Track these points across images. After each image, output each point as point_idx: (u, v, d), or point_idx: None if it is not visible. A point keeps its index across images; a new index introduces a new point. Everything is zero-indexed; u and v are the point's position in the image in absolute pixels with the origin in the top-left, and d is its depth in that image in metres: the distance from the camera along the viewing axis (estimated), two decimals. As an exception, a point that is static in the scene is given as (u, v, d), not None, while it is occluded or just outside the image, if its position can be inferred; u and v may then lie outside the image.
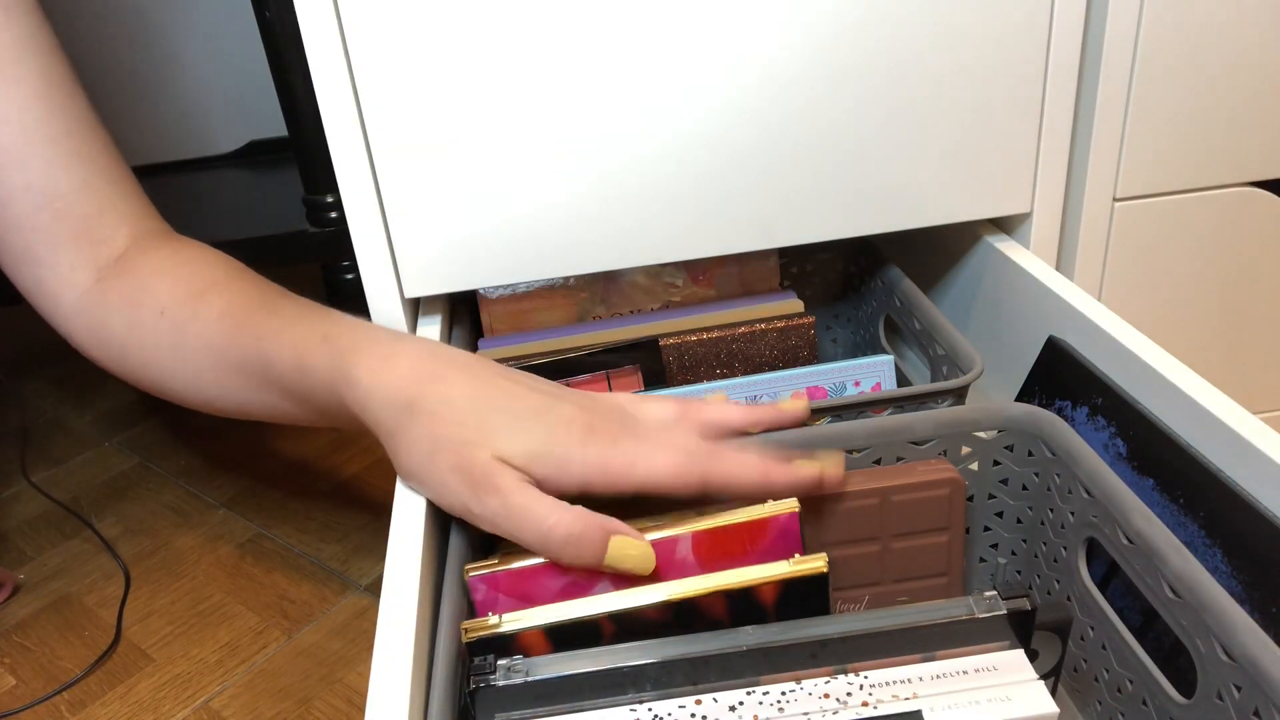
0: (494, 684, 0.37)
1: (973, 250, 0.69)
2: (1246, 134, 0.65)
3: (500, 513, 0.40)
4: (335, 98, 0.55)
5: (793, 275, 0.76)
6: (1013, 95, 0.61)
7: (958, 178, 0.63)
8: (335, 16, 0.53)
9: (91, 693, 0.71)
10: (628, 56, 0.56)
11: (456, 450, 0.41)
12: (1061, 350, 0.57)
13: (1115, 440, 0.52)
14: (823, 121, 0.60)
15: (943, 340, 0.60)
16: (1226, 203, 0.67)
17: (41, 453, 1.02)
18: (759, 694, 0.38)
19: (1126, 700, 0.45)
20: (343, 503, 0.91)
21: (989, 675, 0.38)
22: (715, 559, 0.42)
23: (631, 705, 0.38)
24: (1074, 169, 0.65)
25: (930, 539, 0.50)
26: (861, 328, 0.76)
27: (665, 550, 0.41)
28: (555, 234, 0.60)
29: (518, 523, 0.40)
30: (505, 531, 0.40)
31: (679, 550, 0.41)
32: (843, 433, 0.50)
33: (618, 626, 0.40)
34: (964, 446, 0.52)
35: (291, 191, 0.88)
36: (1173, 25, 0.60)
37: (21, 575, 0.83)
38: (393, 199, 0.58)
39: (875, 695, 0.37)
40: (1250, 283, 0.70)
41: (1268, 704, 0.35)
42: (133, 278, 0.53)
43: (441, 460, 0.41)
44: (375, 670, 0.37)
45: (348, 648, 0.73)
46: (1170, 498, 0.48)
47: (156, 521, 0.89)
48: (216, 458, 0.99)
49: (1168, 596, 0.40)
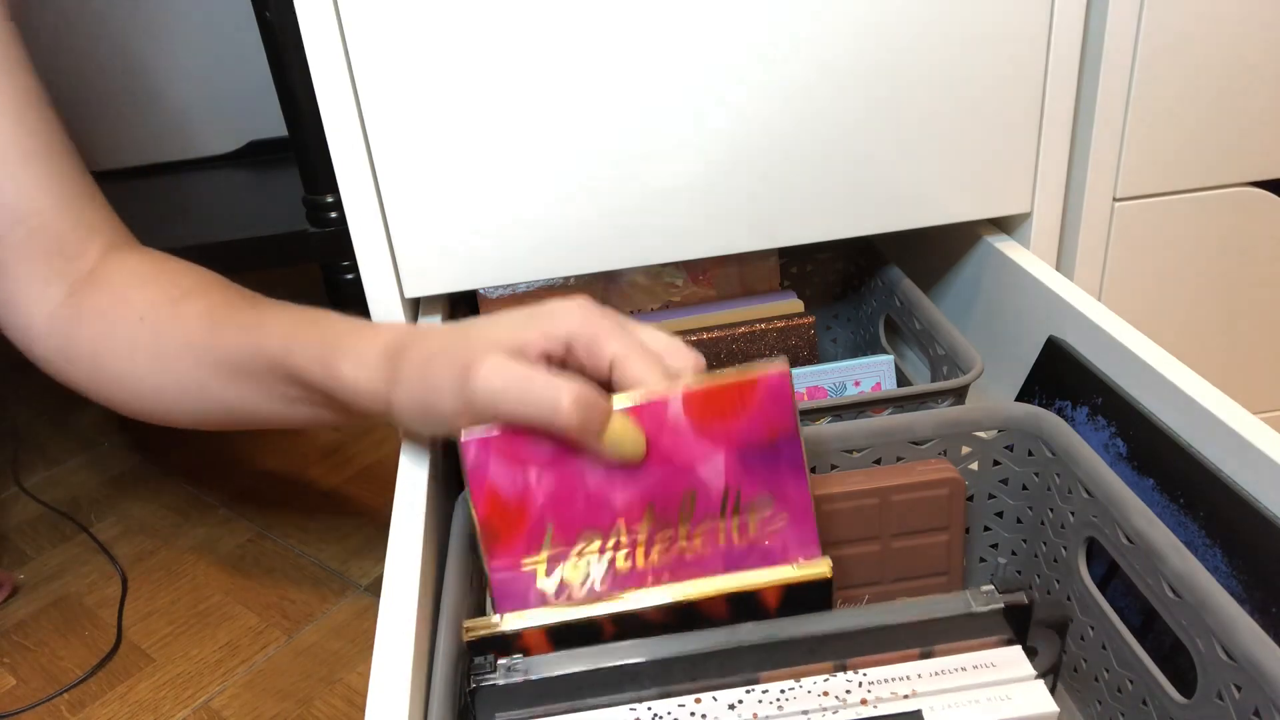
0: (494, 683, 0.37)
1: (973, 250, 0.69)
2: (1246, 134, 0.65)
3: (503, 389, 0.38)
4: (335, 98, 0.55)
5: (793, 275, 0.76)
6: (1013, 95, 0.61)
7: (958, 178, 0.63)
8: (335, 16, 0.53)
9: (91, 693, 0.71)
10: (626, 58, 0.56)
11: (450, 355, 0.41)
12: (1061, 350, 0.57)
13: (1115, 440, 0.52)
14: (822, 121, 0.60)
15: (943, 340, 0.60)
16: (1226, 203, 0.67)
17: (41, 453, 1.02)
18: (758, 692, 0.38)
19: (1126, 700, 0.45)
20: (343, 503, 0.91)
21: (988, 672, 0.38)
22: (708, 421, 0.41)
23: (631, 704, 0.38)
24: (1074, 169, 0.65)
25: (930, 538, 0.50)
26: (861, 328, 0.76)
27: (657, 414, 0.41)
28: (555, 234, 0.60)
29: (523, 392, 0.38)
30: (511, 410, 0.39)
31: (670, 413, 0.41)
32: (843, 433, 0.50)
33: (619, 628, 0.40)
34: (964, 446, 0.52)
35: (291, 191, 0.88)
36: (1173, 25, 0.60)
37: (21, 575, 0.83)
38: (393, 199, 0.58)
39: (874, 693, 0.37)
40: (1250, 283, 0.70)
41: (1268, 704, 0.35)
42: (107, 288, 0.53)
43: (437, 370, 0.41)
44: (375, 670, 0.37)
45: (348, 648, 0.73)
46: (1170, 498, 0.48)
47: (156, 521, 0.89)
48: (216, 458, 0.99)
49: (1168, 596, 0.40)
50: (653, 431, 0.41)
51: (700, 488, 0.41)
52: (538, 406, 0.38)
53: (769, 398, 0.41)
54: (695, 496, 0.41)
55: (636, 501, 0.41)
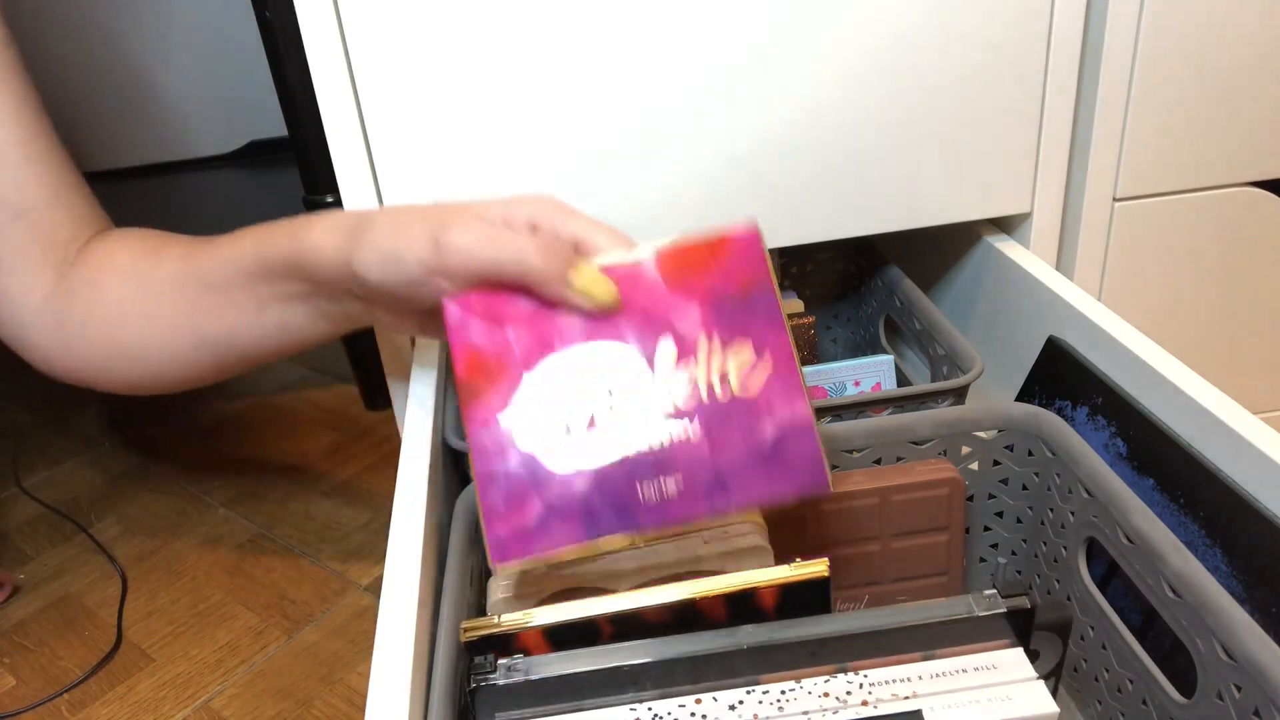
0: (494, 683, 0.37)
1: (973, 250, 0.69)
2: (1246, 134, 0.65)
3: (475, 241, 0.40)
4: (335, 98, 0.55)
5: (793, 275, 0.76)
6: (1013, 95, 0.61)
7: (958, 178, 0.63)
8: (335, 16, 0.53)
9: (92, 693, 0.71)
10: (626, 60, 0.56)
11: (425, 214, 0.42)
12: (1061, 350, 0.57)
13: (1115, 440, 0.52)
14: (822, 121, 0.60)
15: (943, 340, 0.60)
16: (1226, 203, 0.67)
17: (41, 454, 1.02)
18: (759, 693, 0.38)
19: (1126, 700, 0.45)
20: (343, 503, 0.91)
21: (989, 674, 0.38)
22: (681, 277, 0.41)
23: (631, 705, 0.38)
24: (1074, 169, 0.65)
25: (930, 538, 0.50)
26: (861, 328, 0.76)
27: (630, 274, 0.41)
28: (555, 234, 0.60)
29: (494, 244, 0.40)
30: (482, 260, 0.41)
31: (644, 272, 0.41)
32: (843, 433, 0.50)
33: (617, 628, 0.40)
34: (964, 446, 0.52)
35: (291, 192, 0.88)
36: (1173, 25, 0.60)
37: (21, 575, 0.84)
38: (393, 200, 0.58)
39: (875, 694, 0.37)
40: (1250, 283, 0.70)
41: (1268, 704, 0.35)
42: (93, 259, 0.55)
43: (411, 223, 0.42)
44: (375, 670, 0.37)
45: (348, 648, 0.73)
46: (1170, 498, 0.48)
47: (156, 521, 0.89)
48: (216, 458, 0.99)
49: (1168, 596, 0.40)
50: (627, 291, 0.41)
51: (678, 338, 0.41)
52: (508, 254, 0.40)
53: (741, 253, 0.41)
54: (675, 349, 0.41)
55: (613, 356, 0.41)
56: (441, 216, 0.42)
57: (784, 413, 0.39)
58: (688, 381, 0.40)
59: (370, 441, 1.00)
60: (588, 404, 0.40)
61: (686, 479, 0.39)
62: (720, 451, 0.39)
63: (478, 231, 0.41)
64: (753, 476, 0.39)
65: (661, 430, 0.39)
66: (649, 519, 0.38)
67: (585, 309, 0.41)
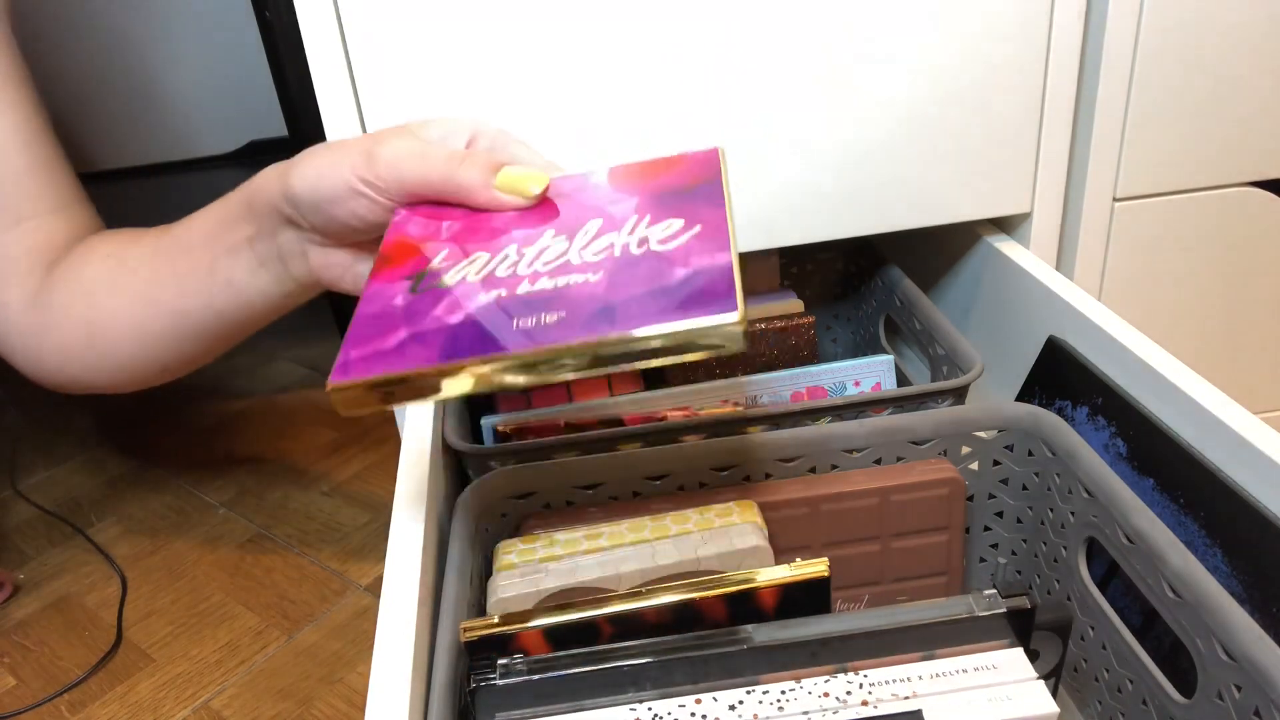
0: (494, 683, 0.37)
1: (973, 250, 0.69)
2: (1246, 134, 0.65)
3: (406, 151, 0.41)
4: (335, 98, 0.55)
5: (793, 275, 0.76)
6: (1013, 95, 0.61)
7: (958, 178, 0.63)
8: (335, 16, 0.53)
9: (92, 693, 0.71)
10: (626, 60, 0.56)
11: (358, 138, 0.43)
12: (1061, 350, 0.57)
13: (1115, 440, 0.52)
14: (822, 121, 0.60)
15: (943, 340, 0.60)
16: (1226, 203, 0.67)
17: (41, 454, 1.02)
18: (759, 693, 0.38)
19: (1126, 700, 0.45)
20: (343, 503, 0.91)
21: (989, 674, 0.38)
22: (630, 181, 0.41)
23: (631, 705, 0.38)
24: (1074, 169, 0.65)
25: (930, 538, 0.50)
26: (861, 328, 0.76)
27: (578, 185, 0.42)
28: (555, 234, 0.60)
29: (424, 155, 0.41)
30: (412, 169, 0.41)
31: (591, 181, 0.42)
32: (843, 433, 0.50)
33: (617, 628, 0.40)
34: (964, 446, 0.52)
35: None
36: (1173, 25, 0.60)
37: (21, 575, 0.84)
38: (393, 199, 0.58)
39: (875, 694, 0.37)
40: (1250, 283, 0.70)
41: (1268, 704, 0.35)
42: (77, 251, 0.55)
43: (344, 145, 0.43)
44: (375, 670, 0.37)
45: (348, 648, 0.73)
46: (1170, 498, 0.48)
47: (156, 521, 0.89)
48: (216, 458, 0.99)
49: (1168, 596, 0.40)
50: (570, 195, 0.41)
51: (606, 218, 0.40)
52: (435, 164, 0.41)
53: (697, 163, 0.41)
54: (601, 224, 0.40)
55: (536, 234, 0.40)
56: (379, 134, 0.43)
57: (702, 262, 0.36)
58: (604, 246, 0.38)
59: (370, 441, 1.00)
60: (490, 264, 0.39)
61: (570, 312, 0.36)
62: (616, 290, 0.36)
63: (409, 144, 0.42)
64: (645, 305, 0.35)
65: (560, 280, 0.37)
66: (515, 343, 0.35)
67: (516, 206, 0.41)
